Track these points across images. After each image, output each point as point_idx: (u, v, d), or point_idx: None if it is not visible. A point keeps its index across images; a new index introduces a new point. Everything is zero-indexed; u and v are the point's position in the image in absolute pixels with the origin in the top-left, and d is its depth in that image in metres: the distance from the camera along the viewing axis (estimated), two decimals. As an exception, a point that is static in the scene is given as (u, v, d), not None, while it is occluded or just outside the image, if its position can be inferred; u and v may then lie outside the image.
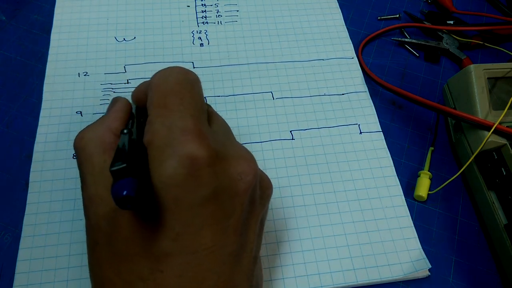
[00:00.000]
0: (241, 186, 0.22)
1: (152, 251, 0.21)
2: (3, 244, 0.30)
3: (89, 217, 0.23)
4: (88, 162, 0.23)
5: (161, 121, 0.22)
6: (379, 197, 0.34)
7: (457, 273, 0.32)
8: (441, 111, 0.35)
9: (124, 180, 0.19)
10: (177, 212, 0.20)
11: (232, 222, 0.22)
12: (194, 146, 0.21)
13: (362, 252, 0.31)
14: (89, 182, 0.23)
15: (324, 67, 0.41)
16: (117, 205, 0.19)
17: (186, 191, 0.20)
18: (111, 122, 0.25)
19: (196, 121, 0.22)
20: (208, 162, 0.21)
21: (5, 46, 0.40)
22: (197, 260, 0.21)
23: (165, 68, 0.25)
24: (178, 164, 0.20)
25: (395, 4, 0.47)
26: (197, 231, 0.21)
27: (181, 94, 0.23)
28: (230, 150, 0.23)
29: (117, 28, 0.42)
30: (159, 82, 0.24)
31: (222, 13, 0.44)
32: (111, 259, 0.21)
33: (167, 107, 0.22)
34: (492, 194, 0.32)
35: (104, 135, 0.24)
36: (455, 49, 0.43)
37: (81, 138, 0.24)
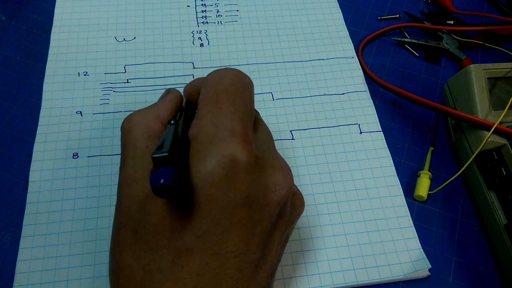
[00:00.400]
0: (273, 198, 0.22)
1: (176, 244, 0.21)
2: (3, 244, 0.30)
3: (122, 198, 0.23)
4: (131, 145, 0.24)
5: (210, 118, 0.22)
6: (379, 197, 0.34)
7: (457, 273, 0.32)
8: (441, 111, 0.35)
9: (164, 168, 0.19)
10: (207, 210, 0.21)
11: (258, 232, 0.22)
12: (237, 148, 0.21)
13: (362, 252, 0.31)
14: (129, 163, 0.23)
15: (324, 67, 0.41)
16: (153, 191, 0.19)
17: (220, 192, 0.20)
18: (160, 111, 0.25)
19: (244, 124, 0.22)
20: (247, 167, 0.21)
21: (5, 46, 0.40)
22: (218, 262, 0.21)
23: (222, 68, 0.25)
24: (218, 163, 0.20)
25: (395, 4, 0.47)
26: (223, 233, 0.21)
27: (233, 95, 0.23)
28: (269, 160, 0.23)
29: (117, 28, 0.42)
30: (214, 80, 0.24)
31: (222, 13, 0.44)
32: (134, 244, 0.21)
33: (218, 106, 0.23)
34: (492, 194, 0.32)
35: (151, 121, 0.25)
36: (455, 49, 0.43)
37: (129, 120, 0.25)
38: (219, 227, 0.21)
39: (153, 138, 0.24)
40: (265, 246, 0.22)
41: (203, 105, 0.23)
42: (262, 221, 0.22)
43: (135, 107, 0.37)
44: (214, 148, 0.21)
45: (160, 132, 0.25)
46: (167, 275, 0.20)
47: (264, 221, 0.22)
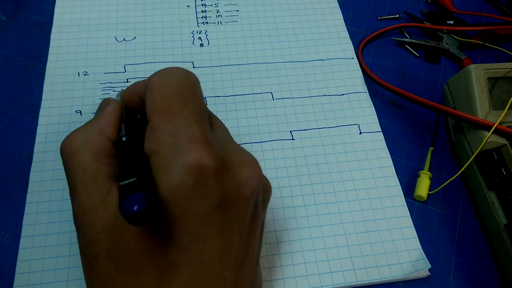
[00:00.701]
0: (246, 192, 0.22)
1: (160, 262, 0.20)
2: (3, 244, 0.30)
3: (84, 230, 0.21)
4: (79, 169, 0.22)
5: (166, 128, 0.21)
6: (379, 197, 0.34)
7: (457, 273, 0.32)
8: (441, 111, 0.35)
9: (133, 195, 0.18)
10: (185, 222, 0.20)
11: (237, 228, 0.22)
12: (201, 154, 0.20)
13: (362, 252, 0.31)
14: (81, 190, 0.21)
15: (324, 67, 0.41)
16: (128, 222, 0.18)
17: (194, 201, 0.20)
18: (103, 127, 0.23)
19: (202, 127, 0.21)
20: (215, 171, 0.20)
21: (5, 46, 0.40)
22: (205, 269, 0.21)
23: (165, 69, 0.23)
24: (186, 174, 0.20)
25: (395, 4, 0.47)
26: (205, 241, 0.21)
27: (184, 97, 0.22)
28: (234, 155, 0.22)
29: (117, 28, 0.42)
30: (159, 84, 0.22)
31: (222, 13, 0.44)
32: (114, 273, 0.21)
33: (170, 112, 0.21)
34: (492, 194, 0.32)
35: (96, 140, 0.23)
36: (455, 49, 0.43)
37: (71, 143, 0.23)
38: (199, 236, 0.20)
39: (102, 158, 0.22)
40: (246, 239, 0.22)
41: (154, 114, 0.21)
42: (239, 217, 0.22)
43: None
44: (178, 160, 0.20)
45: (107, 150, 0.22)
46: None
47: (241, 216, 0.22)
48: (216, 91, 0.38)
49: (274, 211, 0.33)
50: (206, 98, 0.38)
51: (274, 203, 0.33)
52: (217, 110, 0.37)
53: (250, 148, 0.35)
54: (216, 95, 0.38)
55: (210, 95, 0.38)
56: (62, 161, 0.23)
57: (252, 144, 0.36)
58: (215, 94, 0.38)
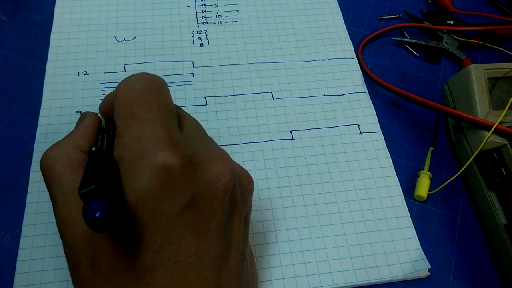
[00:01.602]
0: (218, 188, 0.22)
1: (136, 266, 0.20)
2: (3, 244, 0.30)
3: (66, 240, 0.22)
4: (56, 183, 0.23)
5: (130, 133, 0.21)
6: (379, 197, 0.34)
7: (457, 273, 0.32)
8: (441, 111, 0.35)
9: (95, 202, 0.18)
10: (156, 225, 0.20)
11: (214, 225, 0.22)
12: (166, 155, 0.20)
13: (362, 252, 0.31)
14: (60, 203, 0.22)
15: (324, 67, 0.41)
16: (90, 229, 0.18)
17: (163, 203, 0.20)
18: (78, 140, 0.24)
19: (167, 128, 0.21)
20: (182, 170, 0.20)
21: (5, 46, 0.40)
22: (182, 269, 0.21)
23: (129, 76, 0.24)
24: (151, 177, 0.20)
25: (395, 4, 0.47)
26: (179, 241, 0.20)
27: (148, 102, 0.22)
28: (203, 153, 0.22)
29: (117, 28, 0.42)
30: (124, 91, 0.23)
31: (222, 13, 0.44)
32: (95, 279, 0.21)
33: (134, 117, 0.21)
34: (492, 194, 0.32)
35: (71, 153, 0.23)
36: (455, 49, 0.43)
37: (46, 158, 0.23)
38: (173, 236, 0.20)
39: (77, 169, 0.23)
40: (225, 235, 0.22)
41: (119, 121, 0.22)
42: (214, 214, 0.22)
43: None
44: (143, 163, 0.20)
45: (83, 162, 0.23)
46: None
47: (216, 213, 0.22)
48: (216, 91, 0.38)
49: (274, 211, 0.33)
50: (206, 98, 0.38)
51: (273, 203, 0.33)
52: (217, 110, 0.37)
53: (250, 148, 0.35)
54: (216, 95, 0.38)
55: (210, 95, 0.38)
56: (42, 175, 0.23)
57: (252, 144, 0.36)
58: (215, 94, 0.38)
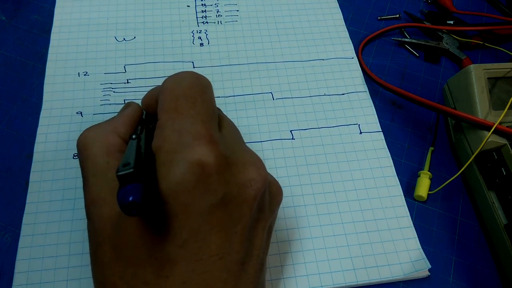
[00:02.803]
0: (249, 193, 0.22)
1: (158, 256, 0.20)
2: (3, 244, 0.30)
3: (92, 219, 0.22)
4: (91, 162, 0.23)
5: (171, 125, 0.22)
6: (379, 197, 0.34)
7: (457, 273, 0.32)
8: (441, 111, 0.35)
9: (131, 186, 0.18)
10: (184, 218, 0.20)
11: (239, 229, 0.22)
12: (204, 152, 0.20)
13: (362, 252, 0.31)
14: (92, 182, 0.23)
15: (324, 67, 0.41)
16: (122, 211, 0.18)
17: (195, 198, 0.20)
18: (118, 126, 0.25)
19: (207, 126, 0.22)
20: (218, 168, 0.21)
21: (5, 46, 0.40)
22: (203, 267, 0.21)
23: (178, 73, 0.24)
24: (187, 171, 0.20)
25: (395, 4, 0.47)
26: (204, 238, 0.21)
27: (192, 98, 0.23)
28: (239, 156, 0.23)
29: (117, 28, 0.42)
30: (171, 86, 0.23)
31: (222, 13, 0.44)
32: (114, 262, 0.21)
33: (178, 111, 0.22)
34: (492, 194, 0.32)
35: (109, 136, 0.24)
36: (455, 49, 0.43)
37: (84, 136, 0.24)
38: (199, 233, 0.20)
39: (113, 153, 0.23)
40: (248, 241, 0.22)
41: (162, 113, 0.23)
42: (241, 218, 0.22)
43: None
44: (181, 156, 0.20)
45: (119, 147, 0.24)
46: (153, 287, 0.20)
47: (244, 218, 0.22)
48: (216, 91, 0.38)
49: (274, 211, 0.33)
50: (206, 98, 0.38)
51: (274, 203, 0.33)
52: (217, 110, 0.37)
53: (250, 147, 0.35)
54: (216, 95, 0.38)
55: (210, 95, 0.38)
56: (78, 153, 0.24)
57: (252, 143, 0.36)
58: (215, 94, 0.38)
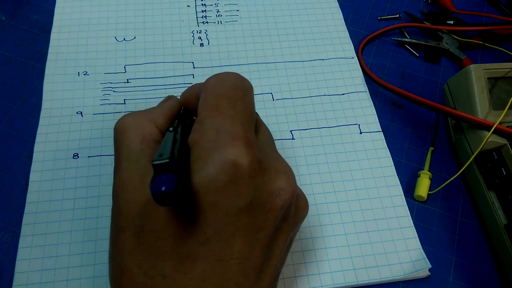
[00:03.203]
0: (277, 202, 0.22)
1: (179, 251, 0.20)
2: (3, 244, 0.30)
3: (118, 203, 0.22)
4: (125, 146, 0.23)
5: (211, 123, 0.22)
6: (379, 197, 0.34)
7: (457, 273, 0.32)
8: (441, 111, 0.35)
9: (165, 175, 0.18)
10: (211, 217, 0.20)
11: (262, 236, 0.21)
12: (239, 153, 0.20)
13: (362, 252, 0.31)
14: (124, 166, 0.23)
15: (324, 67, 0.41)
16: (154, 199, 0.18)
17: (224, 198, 0.20)
18: (156, 116, 0.25)
19: (245, 128, 0.22)
20: (250, 172, 0.21)
21: (5, 46, 0.40)
22: (222, 269, 0.20)
23: (222, 73, 0.25)
24: (221, 169, 0.20)
25: (395, 4, 0.47)
26: (227, 240, 0.21)
27: (234, 99, 0.23)
28: (272, 163, 0.23)
29: (117, 28, 0.42)
30: (214, 84, 0.24)
31: (222, 13, 0.44)
32: (135, 249, 0.21)
33: (218, 110, 0.22)
34: (492, 194, 0.32)
35: (146, 124, 0.24)
36: (455, 49, 0.43)
37: (122, 122, 0.25)
38: (223, 233, 0.20)
39: (148, 142, 0.24)
40: (268, 250, 0.22)
41: (203, 110, 0.23)
42: (266, 226, 0.22)
43: (135, 107, 0.37)
44: (216, 154, 0.20)
45: (154, 136, 0.24)
46: (170, 281, 0.20)
47: (268, 226, 0.22)
48: (216, 91, 0.38)
49: (274, 211, 0.33)
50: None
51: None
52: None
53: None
54: (216, 95, 0.38)
55: (210, 95, 0.38)
56: (113, 137, 0.25)
57: (252, 144, 0.36)
58: (215, 94, 0.38)
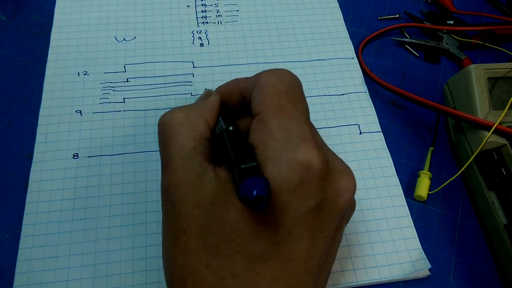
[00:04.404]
0: (341, 202, 0.22)
1: (251, 251, 0.20)
2: (3, 244, 0.30)
3: (174, 203, 0.22)
4: (176, 143, 0.22)
5: (277, 123, 0.21)
6: (379, 197, 0.34)
7: (457, 273, 0.32)
8: (441, 111, 0.35)
9: (252, 179, 0.18)
10: (283, 217, 0.20)
11: (325, 236, 0.22)
12: (311, 154, 0.20)
13: (362, 252, 0.31)
14: (177, 164, 0.22)
15: (324, 67, 0.41)
16: (247, 205, 0.18)
17: (296, 199, 0.20)
18: (205, 112, 0.24)
19: (312, 129, 0.22)
20: (321, 173, 0.21)
21: (5, 46, 0.40)
22: (291, 268, 0.21)
23: (275, 69, 0.24)
24: (294, 170, 0.20)
25: (395, 4, 0.47)
26: (296, 240, 0.21)
27: (294, 99, 0.23)
28: (335, 163, 0.23)
29: (117, 28, 0.42)
30: (272, 82, 0.23)
31: (222, 13, 0.44)
32: (201, 250, 0.21)
33: (282, 110, 0.22)
34: (492, 194, 0.32)
35: (197, 120, 0.23)
36: (455, 49, 0.43)
37: (171, 116, 0.23)
38: (292, 234, 0.21)
39: (199, 139, 0.23)
40: (329, 249, 0.22)
41: (265, 108, 0.22)
42: (329, 225, 0.22)
43: (135, 106, 0.37)
44: (289, 155, 0.20)
45: (205, 133, 0.23)
46: (241, 280, 0.20)
47: (331, 225, 0.22)
48: (216, 91, 0.38)
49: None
50: (206, 98, 0.38)
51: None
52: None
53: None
54: (216, 95, 0.38)
55: (210, 95, 0.38)
56: (158, 131, 0.24)
57: (252, 144, 0.36)
58: (215, 94, 0.38)
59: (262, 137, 0.21)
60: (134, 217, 0.31)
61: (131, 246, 0.30)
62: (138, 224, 0.31)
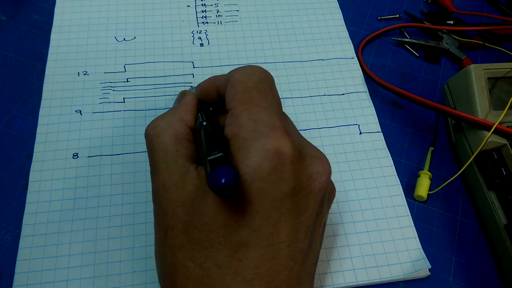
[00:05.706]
0: (316, 186, 0.23)
1: (232, 240, 0.21)
2: (3, 244, 0.30)
3: (162, 203, 0.23)
4: (161, 150, 0.24)
5: (247, 115, 0.23)
6: (379, 197, 0.34)
7: (457, 273, 0.32)
8: (441, 111, 0.35)
9: (220, 169, 0.19)
10: (259, 204, 0.21)
11: (304, 219, 0.22)
12: (281, 141, 0.21)
13: (362, 252, 0.31)
14: (163, 168, 0.24)
15: (324, 67, 0.41)
16: (215, 192, 0.19)
17: (270, 185, 0.21)
18: (183, 114, 0.26)
19: (281, 118, 0.23)
20: (292, 159, 0.22)
21: (5, 46, 0.40)
22: (273, 254, 0.21)
23: (246, 66, 0.26)
24: (265, 158, 0.21)
25: (395, 4, 0.47)
26: (275, 225, 0.21)
27: (264, 92, 0.24)
28: (307, 149, 0.24)
29: (117, 28, 0.42)
30: (242, 78, 0.25)
31: (222, 13, 0.44)
32: (186, 245, 0.22)
33: (252, 103, 0.23)
34: (492, 194, 0.32)
35: (177, 125, 0.25)
36: (455, 49, 0.43)
37: (155, 126, 0.25)
38: (271, 219, 0.21)
39: (181, 142, 0.25)
40: (311, 233, 0.23)
41: (236, 103, 0.24)
42: (307, 209, 0.23)
43: (135, 106, 0.37)
44: (259, 143, 0.21)
45: (186, 135, 0.25)
46: (226, 270, 0.21)
47: (309, 209, 0.23)
48: (216, 91, 0.38)
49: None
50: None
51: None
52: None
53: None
54: (216, 95, 0.38)
55: (210, 95, 0.38)
56: (145, 142, 0.26)
57: (252, 144, 0.36)
58: (215, 94, 0.38)
59: (234, 129, 0.23)
60: (134, 217, 0.31)
61: (131, 246, 0.30)
62: (138, 224, 0.31)
